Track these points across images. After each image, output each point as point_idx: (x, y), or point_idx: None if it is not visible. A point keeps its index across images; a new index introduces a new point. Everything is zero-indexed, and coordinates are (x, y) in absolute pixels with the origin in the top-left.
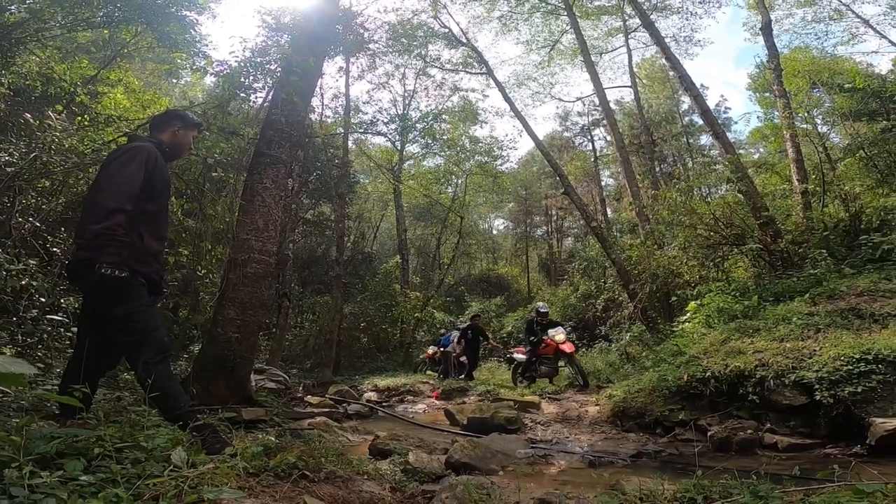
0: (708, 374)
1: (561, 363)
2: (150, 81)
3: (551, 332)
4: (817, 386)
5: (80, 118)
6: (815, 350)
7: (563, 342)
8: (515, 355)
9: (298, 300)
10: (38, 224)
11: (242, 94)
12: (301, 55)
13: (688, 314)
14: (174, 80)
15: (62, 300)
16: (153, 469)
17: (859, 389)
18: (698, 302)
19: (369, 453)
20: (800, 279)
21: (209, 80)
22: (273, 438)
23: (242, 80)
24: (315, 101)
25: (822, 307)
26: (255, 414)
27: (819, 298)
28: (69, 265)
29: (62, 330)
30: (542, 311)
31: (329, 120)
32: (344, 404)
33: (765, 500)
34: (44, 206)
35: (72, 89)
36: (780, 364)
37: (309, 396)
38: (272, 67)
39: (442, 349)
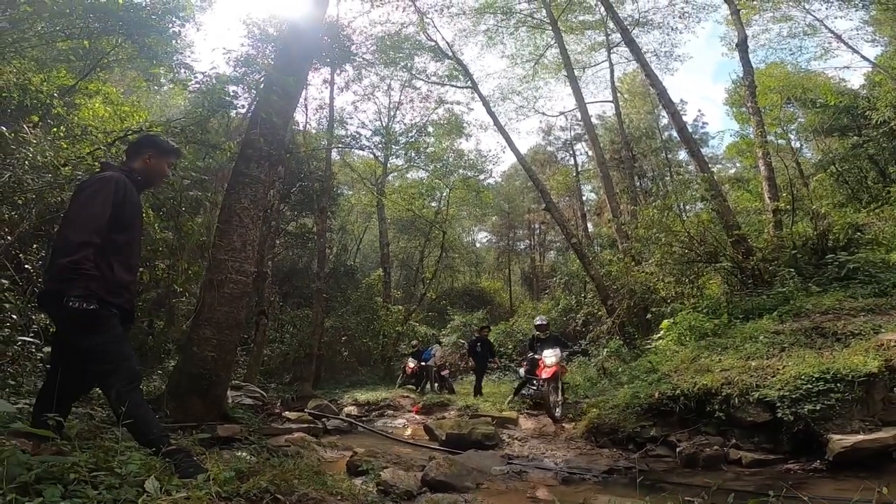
0: (678, 391)
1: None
2: (132, 88)
3: (546, 352)
4: (779, 404)
5: (55, 129)
6: (778, 369)
7: (551, 366)
8: (521, 370)
9: (278, 313)
10: (9, 239)
11: (226, 105)
12: (283, 73)
13: (661, 332)
14: (155, 88)
15: (33, 316)
16: (127, 494)
17: (818, 407)
18: (671, 320)
19: (347, 470)
20: (769, 297)
21: (192, 86)
22: (247, 456)
23: (223, 96)
24: (299, 114)
25: (788, 325)
26: (231, 431)
27: (786, 317)
28: (40, 295)
29: (33, 349)
30: (537, 324)
31: (313, 131)
32: (323, 419)
33: None
34: (18, 217)
35: (48, 101)
36: (745, 382)
37: (287, 412)
38: (256, 78)
39: (423, 363)
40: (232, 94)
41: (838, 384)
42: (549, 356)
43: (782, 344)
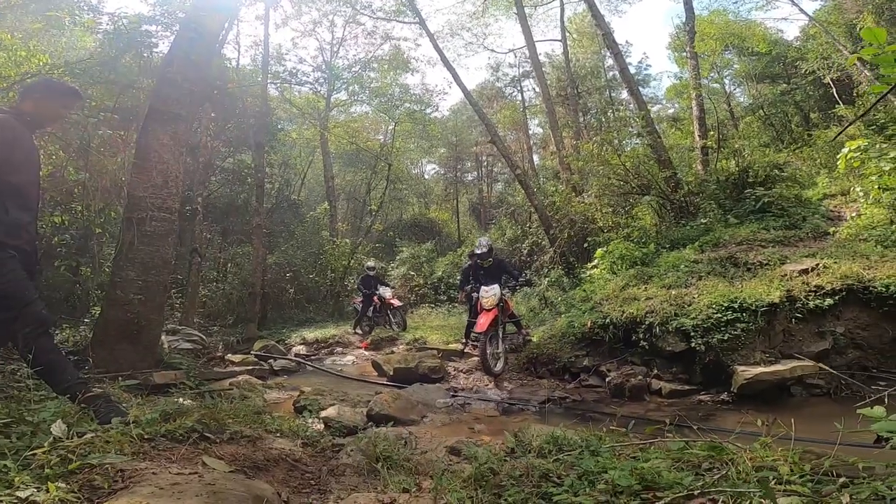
0: (607, 320)
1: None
2: (31, 33)
3: (483, 290)
4: (693, 333)
5: None
6: (694, 298)
7: (489, 310)
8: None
9: (217, 252)
10: None
11: (139, 45)
12: (203, 10)
13: (596, 260)
14: (57, 32)
15: None
16: (40, 441)
17: (726, 337)
18: (604, 249)
19: (294, 410)
20: (692, 227)
21: (101, 27)
22: (185, 401)
23: (137, 36)
24: (230, 50)
25: (707, 255)
26: (168, 378)
27: (706, 246)
28: None
29: None
30: (477, 252)
31: (249, 68)
32: (269, 360)
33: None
34: None
35: None
36: (666, 311)
37: (231, 355)
38: (177, 14)
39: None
40: (147, 32)
41: (744, 314)
42: (487, 296)
43: (700, 273)
